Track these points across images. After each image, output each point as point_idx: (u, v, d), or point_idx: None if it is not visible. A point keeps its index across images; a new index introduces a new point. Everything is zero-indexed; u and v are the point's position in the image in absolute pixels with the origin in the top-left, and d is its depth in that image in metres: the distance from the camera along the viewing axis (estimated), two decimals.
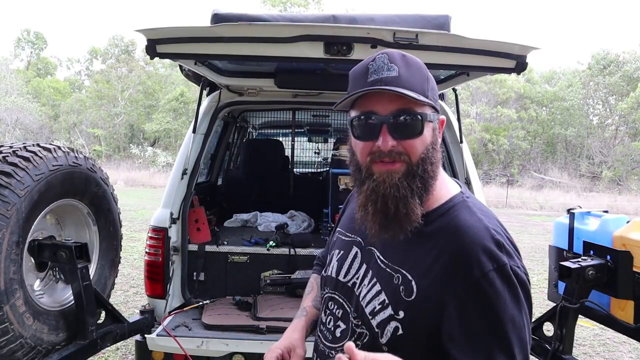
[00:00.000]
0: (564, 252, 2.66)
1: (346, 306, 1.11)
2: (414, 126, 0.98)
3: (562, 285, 2.41)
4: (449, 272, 0.94)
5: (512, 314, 0.91)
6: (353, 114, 1.03)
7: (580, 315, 2.34)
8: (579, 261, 2.23)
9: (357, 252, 1.14)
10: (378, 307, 1.01)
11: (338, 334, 1.11)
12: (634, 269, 2.16)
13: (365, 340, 1.04)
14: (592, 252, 2.33)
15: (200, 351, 2.46)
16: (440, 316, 0.94)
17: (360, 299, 1.06)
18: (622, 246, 2.25)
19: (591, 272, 2.16)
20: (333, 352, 1.11)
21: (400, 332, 0.97)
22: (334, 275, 1.17)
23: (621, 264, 2.17)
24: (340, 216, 1.36)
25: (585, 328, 4.81)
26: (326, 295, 1.19)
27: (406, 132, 0.98)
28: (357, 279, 1.10)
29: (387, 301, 1.00)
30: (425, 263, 0.98)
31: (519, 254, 0.99)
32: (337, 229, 1.30)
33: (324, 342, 1.15)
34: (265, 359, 1.16)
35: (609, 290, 2.23)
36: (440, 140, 1.06)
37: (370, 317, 1.03)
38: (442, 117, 1.07)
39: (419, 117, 0.98)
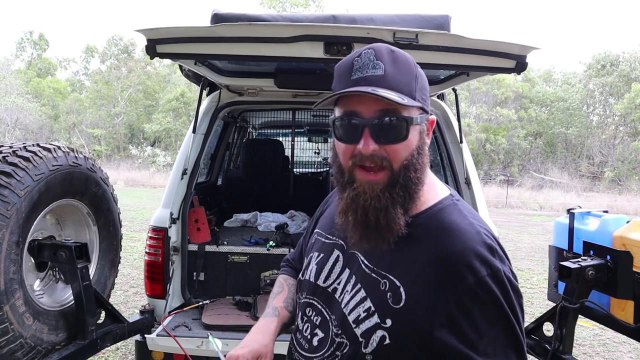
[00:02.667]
0: (564, 252, 2.66)
1: (325, 313, 1.04)
2: (398, 130, 0.91)
3: (562, 285, 2.41)
4: (441, 278, 0.89)
5: (509, 319, 0.90)
6: (336, 113, 0.97)
7: (580, 315, 2.34)
8: (579, 261, 2.23)
9: (338, 256, 1.07)
10: (363, 315, 0.95)
11: (315, 343, 1.03)
12: (634, 269, 2.16)
13: (345, 351, 0.97)
14: (592, 252, 2.33)
15: (200, 351, 2.46)
16: (431, 324, 0.88)
17: (343, 306, 0.99)
18: (622, 246, 2.25)
19: (591, 272, 2.16)
20: None
21: (387, 341, 0.92)
22: (312, 279, 1.09)
23: (621, 264, 2.17)
24: (319, 216, 1.27)
25: (585, 328, 4.81)
26: (303, 301, 1.11)
27: (389, 137, 0.91)
28: (339, 284, 1.03)
29: (372, 308, 0.94)
30: (415, 268, 0.92)
31: (508, 260, 0.96)
32: (316, 229, 1.22)
33: (300, 350, 1.07)
34: None
35: (609, 290, 2.23)
36: (428, 142, 0.99)
37: (353, 326, 0.96)
38: (432, 117, 0.99)
39: (404, 120, 0.91)
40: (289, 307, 1.25)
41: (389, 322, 0.92)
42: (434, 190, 1.01)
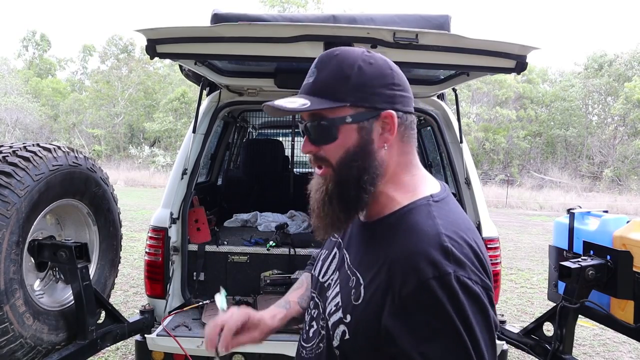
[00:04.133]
0: (564, 252, 2.66)
1: (320, 306, 1.08)
2: (326, 131, 0.94)
3: (562, 285, 2.41)
4: (389, 279, 0.87)
5: (455, 330, 0.81)
6: None
7: (580, 315, 2.34)
8: (579, 261, 2.23)
9: (335, 253, 1.12)
10: (333, 309, 0.99)
11: (310, 334, 1.09)
12: (634, 269, 2.16)
13: (324, 343, 1.02)
14: (592, 252, 2.33)
15: (200, 351, 2.46)
16: (379, 324, 0.87)
17: (327, 300, 1.04)
18: (622, 246, 2.25)
19: (591, 272, 2.17)
20: (304, 351, 1.10)
21: (347, 336, 0.93)
22: (316, 275, 1.16)
23: (621, 264, 2.17)
24: None
25: (585, 328, 4.82)
26: (310, 295, 1.18)
27: (320, 138, 0.96)
28: (332, 280, 1.07)
29: (340, 304, 0.98)
30: (375, 267, 0.92)
31: (481, 266, 0.88)
32: None
33: (301, 341, 1.14)
34: (208, 328, 1.12)
35: (609, 290, 2.23)
36: (389, 137, 0.96)
37: (328, 319, 1.01)
38: (388, 111, 0.95)
39: (332, 121, 0.94)
40: (302, 303, 1.26)
41: (348, 318, 0.94)
42: (412, 190, 0.98)
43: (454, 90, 3.23)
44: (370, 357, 0.91)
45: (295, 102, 0.96)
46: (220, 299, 1.36)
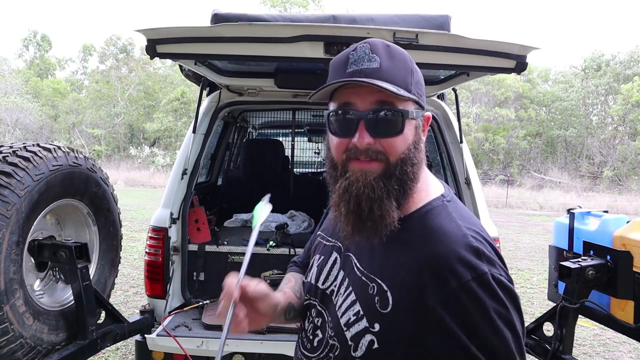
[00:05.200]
0: (564, 252, 2.66)
1: (325, 315, 1.04)
2: (394, 123, 0.90)
3: (562, 285, 2.41)
4: (425, 283, 0.86)
5: (498, 325, 0.83)
6: (331, 107, 0.96)
7: (580, 315, 2.34)
8: (579, 261, 2.23)
9: (336, 258, 1.07)
10: (353, 319, 0.94)
11: (315, 344, 1.04)
12: (634, 269, 2.16)
13: (337, 353, 0.97)
14: (592, 252, 2.33)
15: (200, 351, 2.46)
16: (419, 330, 0.86)
17: (337, 309, 0.99)
18: (622, 246, 2.25)
19: (591, 272, 2.16)
20: None
21: (376, 345, 0.90)
22: (313, 281, 1.10)
23: (621, 264, 2.17)
24: (323, 219, 1.28)
25: (585, 328, 4.81)
26: (307, 302, 1.11)
27: (385, 130, 0.90)
28: (335, 286, 1.03)
29: (362, 312, 0.93)
30: (401, 273, 0.90)
31: (503, 262, 0.90)
32: (319, 232, 1.23)
33: (302, 349, 1.08)
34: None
35: (609, 290, 2.23)
36: (424, 138, 0.97)
37: (345, 329, 0.95)
38: (428, 113, 0.98)
39: (400, 113, 0.90)
40: (296, 292, 1.20)
41: (377, 327, 0.90)
42: (425, 190, 0.98)
43: (454, 90, 3.23)
44: None
45: (386, 84, 0.88)
46: (260, 213, 1.26)
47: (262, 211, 1.30)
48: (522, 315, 0.88)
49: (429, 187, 0.99)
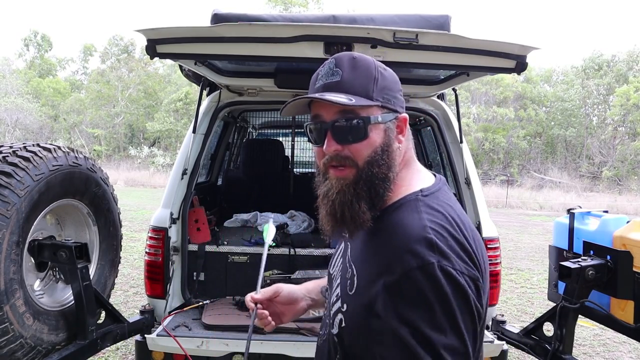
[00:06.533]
0: (564, 252, 2.66)
1: (328, 296, 1.18)
2: (356, 130, 0.97)
3: (562, 285, 2.41)
4: (378, 271, 0.92)
5: (434, 315, 0.84)
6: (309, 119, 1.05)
7: (580, 315, 2.34)
8: (579, 261, 2.23)
9: (342, 247, 1.19)
10: (334, 300, 1.07)
11: (322, 324, 1.20)
12: (634, 269, 2.16)
13: (327, 330, 1.10)
14: (592, 252, 2.33)
15: (200, 351, 2.46)
16: (369, 313, 0.91)
17: (332, 291, 1.12)
18: (622, 246, 2.25)
19: (591, 272, 2.17)
20: (319, 340, 1.18)
21: (343, 324, 1.00)
22: (329, 268, 1.25)
23: (621, 264, 2.17)
24: None
25: (585, 328, 4.81)
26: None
27: (349, 137, 0.97)
28: (335, 272, 1.15)
29: (339, 294, 1.05)
30: (366, 260, 0.99)
31: (468, 258, 0.91)
32: None
33: (319, 329, 1.24)
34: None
35: (609, 290, 2.23)
36: (402, 138, 1.03)
37: (331, 309, 1.08)
38: (403, 115, 1.04)
39: (362, 120, 0.97)
40: (323, 290, 1.34)
41: (345, 307, 1.01)
42: (406, 186, 1.03)
43: (454, 90, 3.23)
44: (361, 343, 0.95)
45: (338, 96, 0.96)
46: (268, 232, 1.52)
47: (270, 231, 1.53)
48: (472, 310, 0.88)
49: (411, 183, 1.04)
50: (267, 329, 1.25)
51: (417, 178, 1.06)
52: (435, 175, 1.10)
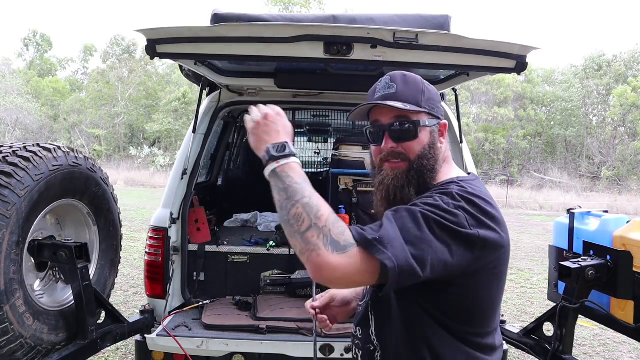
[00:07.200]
0: (564, 252, 2.65)
1: None
2: (409, 131, 1.21)
3: (562, 285, 2.41)
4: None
5: (430, 201, 1.09)
6: (368, 124, 1.29)
7: (580, 315, 2.34)
8: (579, 261, 2.22)
9: None
10: None
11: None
12: (634, 269, 2.16)
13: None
14: (592, 252, 2.32)
15: (200, 351, 2.46)
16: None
17: None
18: (622, 246, 2.25)
19: (591, 272, 2.16)
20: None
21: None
22: None
23: (621, 264, 2.16)
24: None
25: (585, 328, 4.81)
26: None
27: (403, 136, 1.22)
28: None
29: None
30: None
31: (483, 211, 1.10)
32: None
33: None
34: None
35: (609, 290, 2.22)
36: (443, 140, 1.27)
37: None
38: (444, 121, 1.27)
39: (413, 123, 1.21)
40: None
41: None
42: (448, 175, 1.26)
43: (454, 90, 3.23)
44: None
45: (395, 103, 1.20)
46: None
47: None
48: (483, 210, 1.10)
49: (450, 174, 1.27)
50: (325, 330, 1.47)
51: (456, 172, 1.29)
52: (470, 173, 1.35)
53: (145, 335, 2.54)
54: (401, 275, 0.99)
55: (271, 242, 3.06)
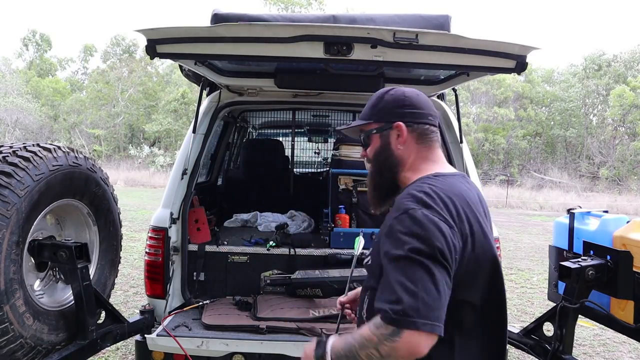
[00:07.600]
0: (564, 252, 2.66)
1: None
2: (364, 140, 1.49)
3: (562, 285, 2.41)
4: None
5: (394, 237, 1.21)
6: None
7: (580, 315, 2.34)
8: (579, 261, 2.22)
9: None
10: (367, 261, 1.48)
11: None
12: (634, 269, 2.16)
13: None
14: (592, 252, 2.32)
15: (200, 351, 2.46)
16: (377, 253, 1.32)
17: None
18: (622, 246, 2.25)
19: (591, 272, 2.16)
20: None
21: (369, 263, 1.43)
22: None
23: (621, 264, 2.16)
24: None
25: (585, 328, 4.81)
26: None
27: (364, 145, 1.49)
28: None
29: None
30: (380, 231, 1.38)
31: (446, 210, 1.22)
32: None
33: None
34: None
35: (609, 290, 2.22)
36: (401, 140, 1.40)
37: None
38: (397, 122, 1.39)
39: (365, 133, 1.47)
40: None
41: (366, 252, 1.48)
42: (425, 172, 1.38)
43: (454, 90, 3.23)
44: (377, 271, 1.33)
45: (353, 123, 1.52)
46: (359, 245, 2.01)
47: (360, 243, 2.04)
48: (425, 233, 1.18)
49: (429, 171, 1.38)
50: (353, 322, 1.62)
51: (436, 169, 1.39)
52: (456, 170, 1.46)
53: (145, 335, 2.53)
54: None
55: (271, 242, 3.06)
